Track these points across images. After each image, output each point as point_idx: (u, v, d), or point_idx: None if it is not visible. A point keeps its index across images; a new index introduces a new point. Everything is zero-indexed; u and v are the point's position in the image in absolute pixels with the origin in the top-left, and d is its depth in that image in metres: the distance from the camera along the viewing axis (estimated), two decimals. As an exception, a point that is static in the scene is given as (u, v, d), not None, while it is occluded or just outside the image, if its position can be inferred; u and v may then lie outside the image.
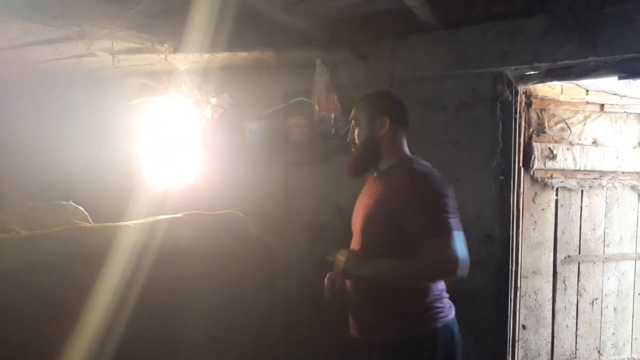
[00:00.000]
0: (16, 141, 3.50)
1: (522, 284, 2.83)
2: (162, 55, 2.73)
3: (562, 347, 3.07)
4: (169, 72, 3.04)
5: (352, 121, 2.04)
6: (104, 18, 2.26)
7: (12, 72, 3.09)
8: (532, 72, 2.59)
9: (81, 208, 2.38)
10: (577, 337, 3.11)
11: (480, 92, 2.59)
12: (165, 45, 2.64)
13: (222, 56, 2.82)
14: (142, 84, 3.25)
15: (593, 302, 3.16)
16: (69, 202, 2.38)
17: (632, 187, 3.24)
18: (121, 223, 2.02)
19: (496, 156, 2.58)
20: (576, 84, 3.04)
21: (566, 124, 3.06)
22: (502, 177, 2.57)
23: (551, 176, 3.02)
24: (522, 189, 2.73)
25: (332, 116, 2.83)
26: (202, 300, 1.98)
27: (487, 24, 2.49)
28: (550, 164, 2.99)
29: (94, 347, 1.62)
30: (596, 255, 3.17)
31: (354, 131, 2.03)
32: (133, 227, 1.99)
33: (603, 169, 3.13)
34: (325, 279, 2.00)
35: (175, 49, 2.68)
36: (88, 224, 2.24)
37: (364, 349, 1.94)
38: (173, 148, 3.18)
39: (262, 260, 2.26)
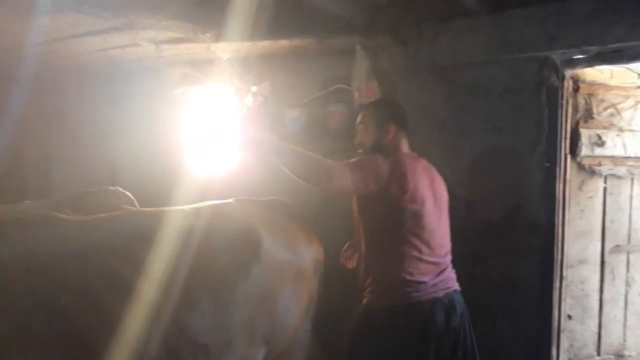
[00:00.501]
0: (65, 130, 3.64)
1: (568, 273, 2.76)
2: (204, 45, 2.77)
3: (610, 338, 2.98)
4: (211, 61, 3.08)
5: (361, 125, 2.28)
6: (149, 8, 2.31)
7: (62, 63, 3.20)
8: (581, 56, 2.50)
9: (128, 193, 2.46)
10: (625, 329, 3.02)
11: (525, 77, 2.53)
12: (208, 34, 2.68)
13: (262, 44, 2.84)
14: (184, 73, 3.31)
15: (643, 294, 3.06)
16: (117, 188, 2.47)
17: (686, 175, 3.10)
18: (177, 207, 2.07)
19: (541, 143, 2.51)
20: (627, 68, 2.92)
21: (616, 109, 2.95)
22: (547, 164, 2.51)
23: (599, 163, 2.91)
24: (568, 177, 2.66)
25: (373, 103, 2.82)
26: (253, 283, 2.01)
27: (532, 7, 2.42)
28: (598, 151, 2.89)
29: (151, 326, 1.68)
30: (646, 246, 3.05)
31: (363, 135, 2.27)
32: (189, 210, 2.05)
33: (655, 156, 3.01)
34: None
35: (217, 38, 2.71)
36: (146, 209, 2.31)
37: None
38: (214, 136, 3.22)
39: (311, 246, 2.29)
